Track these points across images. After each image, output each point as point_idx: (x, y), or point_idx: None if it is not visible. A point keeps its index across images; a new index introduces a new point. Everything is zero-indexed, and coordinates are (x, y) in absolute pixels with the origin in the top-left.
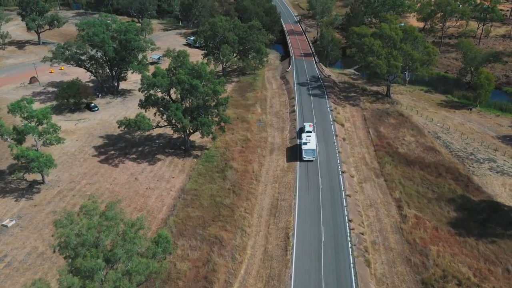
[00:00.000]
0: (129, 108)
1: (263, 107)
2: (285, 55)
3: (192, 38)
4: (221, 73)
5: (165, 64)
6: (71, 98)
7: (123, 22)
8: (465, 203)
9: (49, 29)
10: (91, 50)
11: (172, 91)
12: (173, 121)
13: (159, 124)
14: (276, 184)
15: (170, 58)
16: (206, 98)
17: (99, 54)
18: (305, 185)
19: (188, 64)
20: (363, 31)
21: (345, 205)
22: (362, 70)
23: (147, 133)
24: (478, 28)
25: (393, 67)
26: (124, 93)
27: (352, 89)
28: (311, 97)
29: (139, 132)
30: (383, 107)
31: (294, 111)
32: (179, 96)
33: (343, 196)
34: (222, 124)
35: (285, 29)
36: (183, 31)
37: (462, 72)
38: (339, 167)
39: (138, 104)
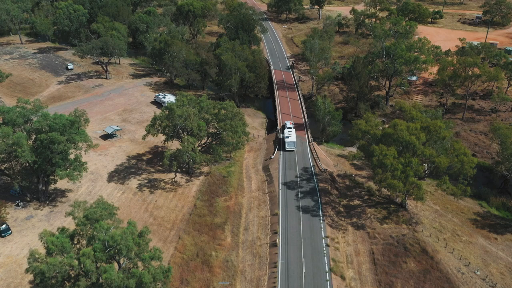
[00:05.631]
0: (55, 228)
1: (236, 230)
2: (274, 119)
3: (160, 95)
4: (187, 164)
5: (122, 141)
6: None
7: (47, 114)
8: None
9: None
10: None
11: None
12: None
13: None
14: None
15: (75, 220)
16: None
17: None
18: None
19: (103, 235)
20: (370, 128)
21: None
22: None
23: None
24: (508, 88)
25: (413, 186)
26: (56, 197)
27: (355, 191)
28: (301, 214)
29: None
30: (398, 233)
31: (276, 244)
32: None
33: None
34: None
35: (275, 80)
36: (155, 80)
37: (498, 164)
38: None
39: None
